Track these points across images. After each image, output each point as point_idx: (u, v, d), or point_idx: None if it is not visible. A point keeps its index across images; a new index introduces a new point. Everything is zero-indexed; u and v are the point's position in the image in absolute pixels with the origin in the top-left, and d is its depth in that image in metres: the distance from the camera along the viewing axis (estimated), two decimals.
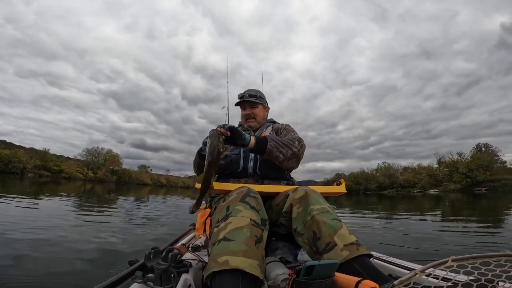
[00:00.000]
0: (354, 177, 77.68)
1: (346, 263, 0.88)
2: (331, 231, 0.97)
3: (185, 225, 2.59)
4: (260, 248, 0.89)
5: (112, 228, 4.15)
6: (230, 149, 1.58)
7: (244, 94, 1.74)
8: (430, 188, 57.41)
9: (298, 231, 1.06)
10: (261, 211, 1.02)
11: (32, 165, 54.92)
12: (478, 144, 58.38)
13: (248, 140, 1.27)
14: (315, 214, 1.03)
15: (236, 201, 1.00)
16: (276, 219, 1.21)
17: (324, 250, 0.94)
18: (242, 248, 0.83)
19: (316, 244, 0.97)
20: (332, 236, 0.95)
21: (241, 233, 0.87)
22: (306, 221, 1.04)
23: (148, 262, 1.03)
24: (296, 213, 1.09)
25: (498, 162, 53.30)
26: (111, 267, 2.30)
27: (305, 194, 1.11)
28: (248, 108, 1.73)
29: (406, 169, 69.02)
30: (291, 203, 1.12)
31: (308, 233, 1.02)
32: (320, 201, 1.09)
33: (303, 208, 1.08)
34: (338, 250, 0.91)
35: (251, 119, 1.73)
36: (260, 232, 0.92)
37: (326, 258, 0.92)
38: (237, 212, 0.94)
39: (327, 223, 0.99)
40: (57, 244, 2.86)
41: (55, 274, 2.04)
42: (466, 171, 51.39)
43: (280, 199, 1.21)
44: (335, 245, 0.93)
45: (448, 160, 58.57)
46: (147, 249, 1.04)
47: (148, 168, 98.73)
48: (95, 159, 71.91)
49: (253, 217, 0.94)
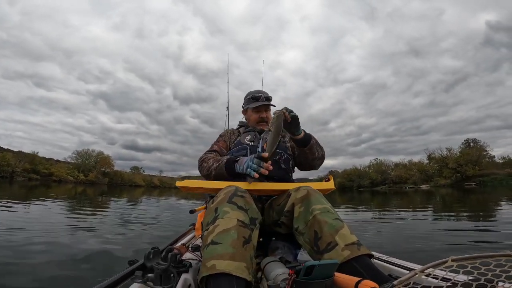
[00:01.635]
0: (347, 174, 78.36)
1: (347, 262, 0.88)
2: (333, 230, 0.97)
3: (181, 225, 2.59)
4: (249, 249, 0.87)
5: (108, 230, 4.11)
6: (236, 149, 1.58)
7: (260, 96, 1.71)
8: (421, 183, 58.40)
9: (300, 230, 1.06)
10: (250, 210, 1.00)
11: (21, 168, 53.83)
12: (466, 139, 59.40)
13: (300, 132, 1.38)
14: (317, 213, 1.03)
15: (224, 202, 0.98)
16: (277, 218, 1.21)
17: (325, 249, 0.94)
18: (228, 251, 0.82)
19: (317, 243, 0.97)
20: (333, 236, 0.95)
21: (228, 236, 0.86)
22: (307, 220, 1.04)
23: (147, 262, 1.03)
24: (298, 213, 1.08)
25: (486, 157, 54.47)
26: (110, 268, 2.30)
27: (307, 194, 1.11)
28: (263, 111, 1.71)
29: (397, 165, 70.08)
30: (293, 203, 1.12)
31: (310, 232, 1.02)
32: (322, 201, 1.09)
33: (305, 207, 1.08)
34: (339, 250, 0.91)
35: (263, 123, 1.70)
36: (248, 233, 0.90)
37: (327, 257, 0.92)
38: (224, 214, 0.93)
39: (328, 223, 0.99)
40: (53, 247, 2.83)
41: (53, 278, 2.02)
42: (456, 166, 52.40)
43: (282, 199, 1.21)
44: (336, 244, 0.93)
45: (438, 155, 59.65)
46: (146, 250, 1.03)
47: (141, 169, 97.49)
48: (86, 161, 70.72)
49: (240, 217, 0.93)
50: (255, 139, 1.62)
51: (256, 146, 1.58)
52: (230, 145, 1.67)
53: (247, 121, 1.81)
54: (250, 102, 1.73)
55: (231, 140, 1.69)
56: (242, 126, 1.83)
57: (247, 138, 1.64)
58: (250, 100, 1.72)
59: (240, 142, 1.63)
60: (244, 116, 1.86)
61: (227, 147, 1.66)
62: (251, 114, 1.73)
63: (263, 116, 1.70)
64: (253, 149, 1.55)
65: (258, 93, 1.73)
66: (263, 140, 1.61)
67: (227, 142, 1.68)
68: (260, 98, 1.70)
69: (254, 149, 1.55)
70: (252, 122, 1.74)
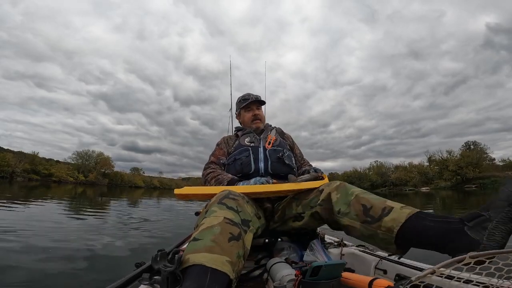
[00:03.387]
0: (347, 176, 78.32)
1: (415, 216, 0.87)
2: (381, 201, 0.97)
3: (185, 226, 2.58)
4: (236, 246, 0.81)
5: (110, 231, 4.11)
6: (238, 151, 1.59)
7: (250, 95, 1.82)
8: (421, 186, 58.39)
9: (342, 211, 1.03)
10: (243, 212, 0.97)
11: (21, 169, 53.87)
12: (467, 142, 59.42)
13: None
14: (358, 193, 1.04)
15: (214, 203, 0.96)
16: (301, 211, 1.21)
17: (382, 215, 0.92)
18: (207, 245, 0.76)
19: (369, 213, 0.96)
20: (384, 203, 0.95)
21: (210, 232, 0.81)
22: (349, 201, 1.03)
23: (155, 264, 1.02)
24: (336, 198, 1.08)
25: (487, 159, 54.48)
26: (115, 270, 2.29)
27: (340, 184, 1.14)
28: (255, 109, 1.81)
29: (397, 167, 70.09)
30: (329, 192, 1.11)
31: (356, 208, 1.00)
32: (356, 187, 1.11)
33: (342, 193, 1.08)
34: (398, 210, 0.90)
35: (258, 120, 1.79)
36: (237, 231, 0.85)
37: (387, 220, 0.90)
38: (211, 213, 0.90)
39: (373, 197, 1.01)
40: (55, 249, 2.82)
41: (57, 279, 2.02)
42: (456, 169, 52.39)
43: (313, 195, 1.20)
44: (391, 207, 0.92)
45: (438, 158, 59.63)
46: (151, 252, 1.03)
47: (141, 170, 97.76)
48: (86, 162, 70.97)
49: (228, 216, 0.89)
50: (254, 140, 1.66)
51: (258, 146, 1.60)
52: (229, 149, 1.69)
53: (242, 123, 1.89)
54: (241, 104, 1.83)
55: (229, 145, 1.72)
56: (239, 131, 1.86)
57: (247, 140, 1.67)
58: (241, 101, 1.84)
59: (240, 145, 1.65)
60: (239, 120, 1.94)
61: (225, 154, 1.68)
62: (244, 114, 1.83)
63: (256, 113, 1.79)
64: (255, 149, 1.58)
65: (247, 95, 1.85)
66: (263, 140, 1.64)
67: (225, 149, 1.70)
68: (250, 98, 1.80)
69: (256, 149, 1.59)
70: (247, 122, 1.82)
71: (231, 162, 1.59)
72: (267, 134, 1.70)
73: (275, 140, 1.66)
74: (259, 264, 1.22)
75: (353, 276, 0.77)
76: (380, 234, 0.90)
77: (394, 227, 0.87)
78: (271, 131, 1.75)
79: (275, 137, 1.69)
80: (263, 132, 1.76)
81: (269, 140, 1.64)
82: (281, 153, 1.56)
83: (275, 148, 1.60)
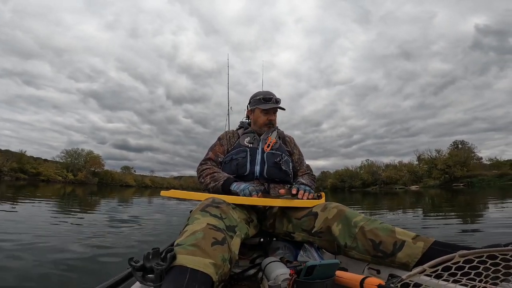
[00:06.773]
0: (338, 175, 79.11)
1: (430, 250, 0.85)
2: (389, 232, 0.94)
3: (177, 224, 2.56)
4: (220, 250, 0.79)
5: (100, 230, 4.03)
6: (236, 151, 1.58)
7: (272, 97, 1.67)
8: (411, 184, 59.34)
9: (350, 246, 1.01)
10: (227, 218, 0.96)
11: (8, 168, 52.47)
12: (455, 141, 60.38)
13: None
14: (362, 224, 1.00)
15: (197, 211, 0.95)
16: (291, 231, 1.21)
17: (395, 250, 0.90)
18: (188, 249, 0.75)
19: (380, 248, 0.93)
20: (394, 236, 0.92)
21: (193, 237, 0.79)
22: (353, 234, 1.00)
23: (147, 263, 1.02)
24: (338, 231, 1.04)
25: (474, 158, 55.61)
26: (110, 269, 2.27)
27: (339, 211, 1.09)
28: (272, 113, 1.70)
29: (388, 166, 71.10)
30: (328, 225, 1.08)
31: (364, 243, 0.97)
32: (356, 213, 1.07)
33: (343, 224, 1.04)
34: (411, 244, 0.88)
35: (271, 125, 1.70)
36: (221, 236, 0.84)
37: (401, 256, 0.88)
38: (194, 220, 0.89)
39: (379, 228, 0.96)
40: (44, 249, 2.76)
41: (48, 279, 1.99)
42: (444, 168, 53.43)
43: (302, 214, 1.18)
44: (403, 241, 0.89)
45: (427, 157, 60.66)
46: (142, 250, 1.03)
47: (132, 169, 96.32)
48: (75, 160, 69.52)
49: (212, 222, 0.88)
50: (254, 140, 1.62)
51: (256, 148, 1.58)
52: (229, 148, 1.66)
53: (253, 121, 1.75)
54: (260, 102, 1.68)
55: (231, 143, 1.68)
56: (241, 127, 1.81)
57: (246, 140, 1.64)
58: (261, 100, 1.67)
59: (239, 144, 1.63)
60: (249, 115, 1.80)
61: (224, 152, 1.65)
62: (259, 115, 1.69)
63: (272, 118, 1.69)
64: (252, 151, 1.56)
65: (269, 94, 1.69)
66: (262, 141, 1.63)
67: (225, 146, 1.67)
68: (271, 100, 1.66)
69: (253, 151, 1.56)
70: (259, 123, 1.70)
71: (227, 161, 1.57)
72: (267, 136, 1.65)
73: (274, 143, 1.61)
74: (254, 263, 1.22)
75: (345, 274, 0.78)
76: (395, 267, 0.91)
77: (410, 262, 0.86)
78: (272, 133, 1.67)
79: (275, 139, 1.63)
80: (264, 133, 1.70)
81: (269, 142, 1.59)
82: (279, 157, 1.53)
83: (274, 152, 1.56)
